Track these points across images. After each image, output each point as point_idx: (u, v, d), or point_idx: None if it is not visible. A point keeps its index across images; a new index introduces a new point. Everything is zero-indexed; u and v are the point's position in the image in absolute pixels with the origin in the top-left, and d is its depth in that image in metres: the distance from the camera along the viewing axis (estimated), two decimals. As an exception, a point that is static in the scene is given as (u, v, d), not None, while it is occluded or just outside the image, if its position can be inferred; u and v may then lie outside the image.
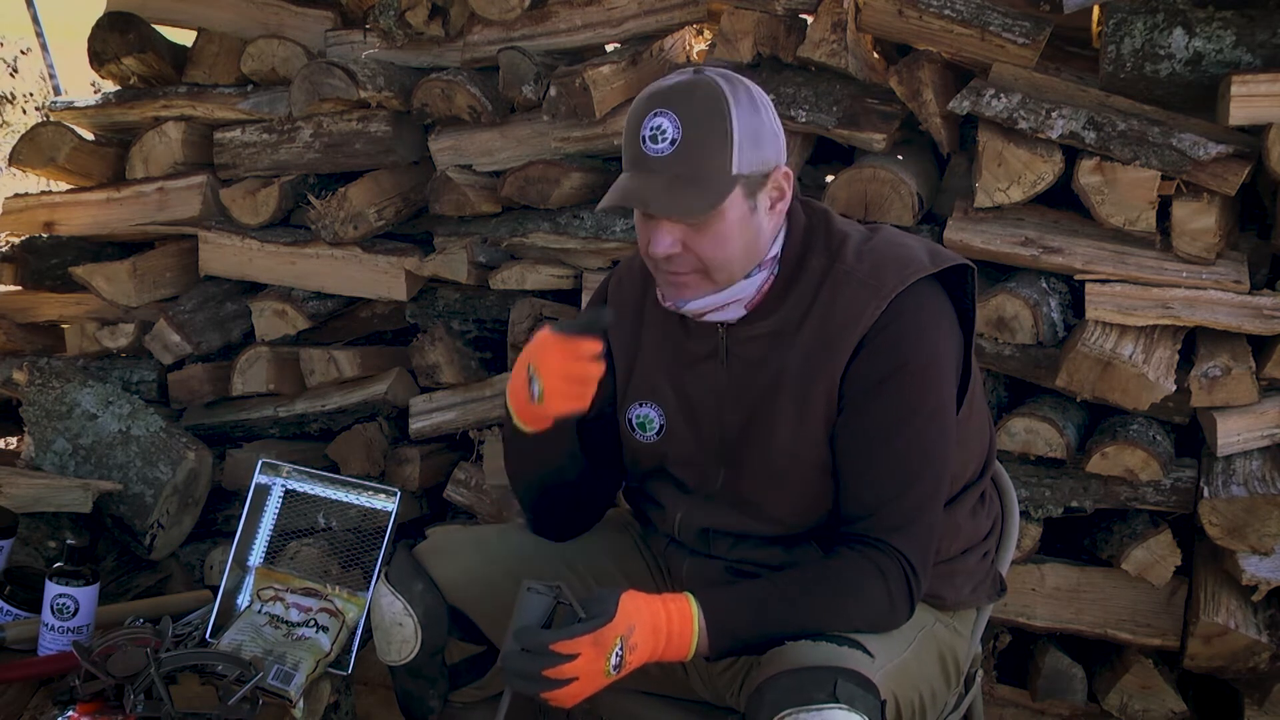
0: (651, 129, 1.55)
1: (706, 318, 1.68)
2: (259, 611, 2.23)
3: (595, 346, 1.61)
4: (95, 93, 3.53)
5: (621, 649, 1.49)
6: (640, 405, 1.79)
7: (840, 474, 1.66)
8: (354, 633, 2.23)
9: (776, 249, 1.67)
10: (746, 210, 1.59)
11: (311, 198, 2.94)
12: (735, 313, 1.67)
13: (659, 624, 1.55)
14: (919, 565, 1.62)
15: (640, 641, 1.52)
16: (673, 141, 1.54)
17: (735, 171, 1.56)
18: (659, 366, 1.78)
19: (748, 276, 1.64)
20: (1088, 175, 2.33)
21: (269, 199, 2.99)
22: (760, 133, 1.59)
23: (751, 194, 1.59)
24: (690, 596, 1.59)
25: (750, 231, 1.61)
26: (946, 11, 2.39)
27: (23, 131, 3.34)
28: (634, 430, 1.80)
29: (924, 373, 1.62)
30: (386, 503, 2.34)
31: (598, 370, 1.62)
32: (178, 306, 3.07)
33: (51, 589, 2.09)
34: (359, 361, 3.01)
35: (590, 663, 1.48)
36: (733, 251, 1.60)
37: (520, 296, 2.86)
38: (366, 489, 2.36)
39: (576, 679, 1.48)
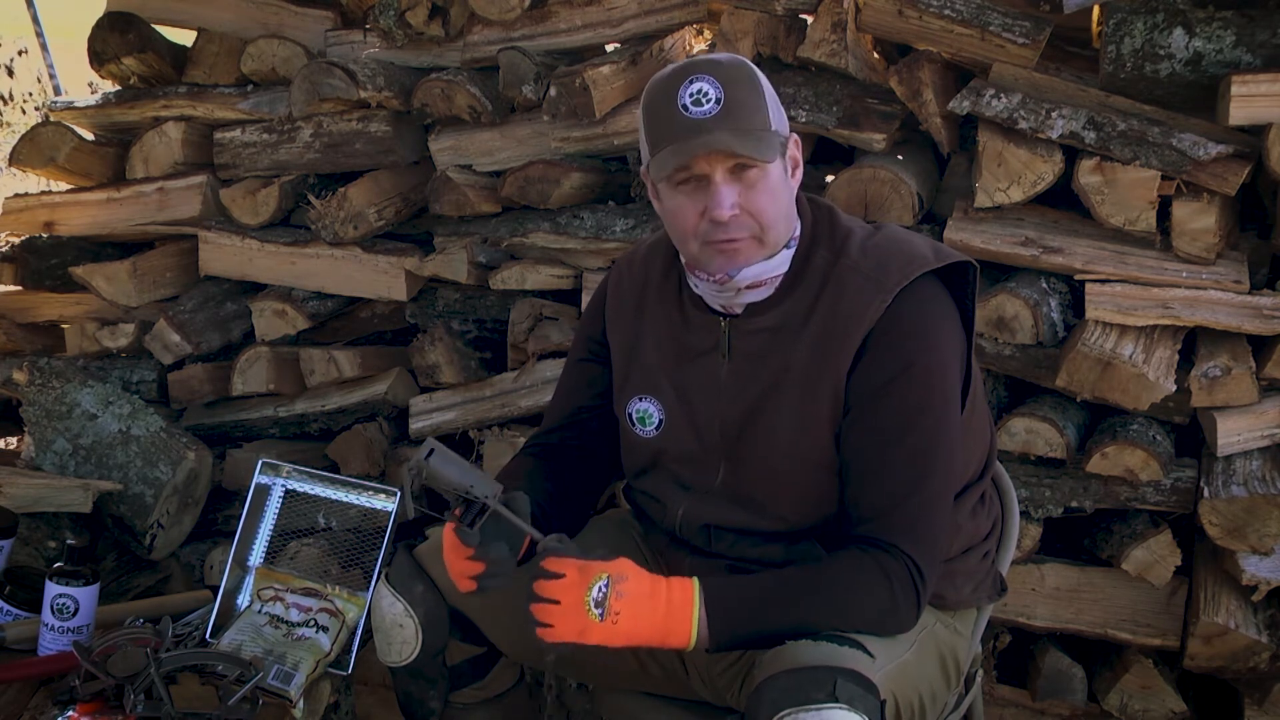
0: (693, 94, 1.57)
1: (744, 298, 1.67)
2: (259, 611, 2.23)
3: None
4: (93, 93, 3.52)
5: (607, 587, 1.53)
6: (640, 399, 1.79)
7: (847, 475, 1.66)
8: (354, 633, 2.23)
9: (797, 229, 1.68)
10: (782, 169, 1.63)
11: (311, 198, 2.94)
12: (767, 292, 1.67)
13: (657, 591, 1.57)
14: (927, 569, 1.62)
15: (631, 595, 1.54)
16: (718, 100, 1.57)
17: (773, 128, 1.61)
18: (659, 361, 1.78)
19: (779, 252, 1.66)
20: (1088, 175, 2.33)
21: (269, 199, 2.99)
22: (778, 99, 1.65)
23: (783, 154, 1.63)
24: (694, 579, 1.60)
25: (787, 192, 1.65)
26: (946, 11, 2.39)
27: (23, 131, 3.34)
28: (633, 425, 1.80)
29: (930, 372, 1.62)
30: (386, 503, 2.34)
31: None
32: (178, 306, 3.07)
33: (51, 589, 2.09)
34: (359, 361, 3.01)
35: (572, 587, 1.53)
36: (781, 207, 1.63)
37: (520, 296, 2.86)
38: (366, 489, 2.36)
39: (558, 602, 1.53)
